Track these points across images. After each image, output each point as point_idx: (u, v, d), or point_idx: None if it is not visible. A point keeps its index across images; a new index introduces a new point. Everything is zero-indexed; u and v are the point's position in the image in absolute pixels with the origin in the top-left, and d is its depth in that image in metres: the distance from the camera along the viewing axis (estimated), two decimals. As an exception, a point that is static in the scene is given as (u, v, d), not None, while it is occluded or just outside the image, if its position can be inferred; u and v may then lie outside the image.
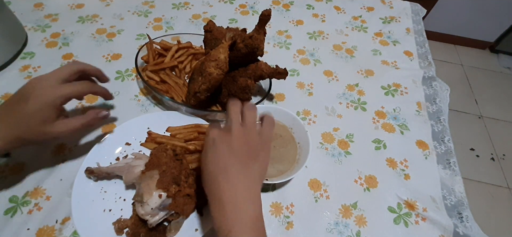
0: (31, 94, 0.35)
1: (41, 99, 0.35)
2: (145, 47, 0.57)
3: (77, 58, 0.61)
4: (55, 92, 0.36)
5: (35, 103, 0.35)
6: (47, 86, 0.36)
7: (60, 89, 0.37)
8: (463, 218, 0.46)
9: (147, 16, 0.73)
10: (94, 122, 0.40)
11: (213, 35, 0.53)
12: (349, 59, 0.69)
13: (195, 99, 0.47)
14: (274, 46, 0.70)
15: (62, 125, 0.37)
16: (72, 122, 0.38)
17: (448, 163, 0.52)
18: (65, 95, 0.37)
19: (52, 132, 0.37)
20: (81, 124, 0.39)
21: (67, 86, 0.38)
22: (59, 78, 0.38)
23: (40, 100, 0.35)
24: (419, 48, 0.75)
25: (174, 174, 0.38)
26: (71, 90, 0.38)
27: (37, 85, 0.36)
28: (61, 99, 0.37)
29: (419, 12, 0.87)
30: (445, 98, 0.63)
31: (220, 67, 0.44)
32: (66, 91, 0.37)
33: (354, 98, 0.61)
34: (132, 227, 0.38)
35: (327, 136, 0.54)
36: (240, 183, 0.32)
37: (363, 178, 0.49)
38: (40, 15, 0.69)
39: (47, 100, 0.35)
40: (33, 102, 0.35)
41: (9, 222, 0.39)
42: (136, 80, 0.58)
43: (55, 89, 0.36)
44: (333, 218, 0.44)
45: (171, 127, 0.49)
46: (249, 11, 0.79)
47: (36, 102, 0.35)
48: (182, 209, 0.37)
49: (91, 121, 0.40)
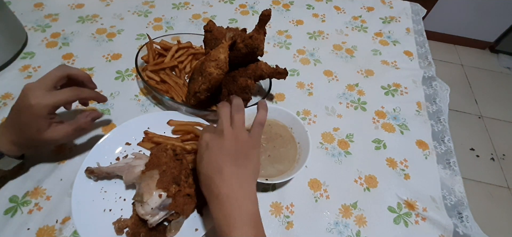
0: (22, 106, 0.37)
1: (30, 110, 0.36)
2: (145, 47, 0.57)
3: (77, 58, 0.61)
4: (41, 102, 0.37)
5: (25, 115, 0.37)
6: (35, 96, 0.37)
7: (46, 99, 0.37)
8: (463, 218, 0.46)
9: (147, 16, 0.73)
10: (85, 125, 0.41)
11: (213, 35, 0.53)
12: (349, 59, 0.69)
13: (195, 99, 0.47)
14: (274, 46, 0.70)
15: (54, 132, 0.39)
16: (64, 128, 0.39)
17: (448, 163, 0.52)
18: (51, 104, 0.37)
19: (46, 140, 0.38)
20: (72, 129, 0.40)
21: (54, 94, 0.38)
22: (45, 85, 0.38)
23: (29, 111, 0.36)
24: (419, 48, 0.75)
25: (174, 174, 0.38)
26: (57, 99, 0.38)
27: (28, 95, 0.37)
28: (48, 109, 0.37)
29: (419, 12, 0.87)
30: (445, 98, 0.63)
31: (220, 67, 0.44)
32: (52, 100, 0.37)
33: (354, 98, 0.61)
34: (132, 227, 0.38)
35: (327, 136, 0.54)
36: (235, 181, 0.34)
37: (363, 178, 0.49)
38: (40, 15, 0.69)
39: (35, 111, 0.36)
40: (24, 115, 0.37)
41: (9, 222, 0.39)
42: (136, 80, 0.59)
43: (41, 99, 0.37)
44: (333, 218, 0.44)
45: (172, 120, 0.49)
46: (249, 11, 0.79)
47: (26, 114, 0.37)
48: (182, 209, 0.37)
49: (82, 124, 0.41)
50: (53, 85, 0.39)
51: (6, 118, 0.39)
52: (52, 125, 0.38)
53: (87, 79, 0.43)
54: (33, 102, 0.36)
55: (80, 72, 0.42)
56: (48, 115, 0.37)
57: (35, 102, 0.36)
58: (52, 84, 0.38)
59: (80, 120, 0.41)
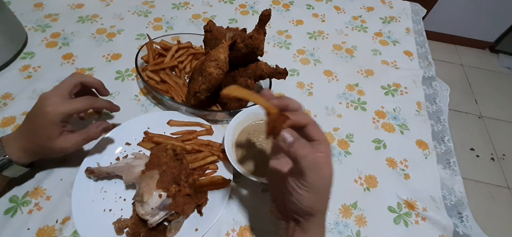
0: (37, 113, 0.38)
1: (45, 117, 0.37)
2: (145, 47, 0.57)
3: (77, 58, 0.61)
4: (56, 110, 0.37)
5: (39, 122, 0.37)
6: (50, 104, 0.37)
7: (61, 107, 0.38)
8: (463, 218, 0.46)
9: (147, 16, 0.73)
10: (95, 135, 0.41)
11: (213, 35, 0.53)
12: (349, 59, 0.69)
13: (195, 99, 0.48)
14: (274, 46, 0.70)
15: (64, 141, 0.39)
16: (74, 137, 0.40)
17: (448, 163, 0.52)
18: (65, 112, 0.38)
19: (56, 148, 0.38)
20: (82, 139, 0.40)
21: (68, 103, 0.39)
22: (61, 93, 0.39)
23: (44, 118, 0.37)
24: (419, 48, 0.75)
25: (174, 174, 0.38)
26: (72, 107, 0.38)
27: (43, 102, 0.38)
28: (62, 116, 0.37)
29: (419, 12, 0.87)
30: (445, 98, 0.63)
31: (220, 67, 0.44)
32: (67, 109, 0.38)
33: (354, 98, 0.61)
34: (132, 227, 0.38)
35: (327, 136, 0.54)
36: None
37: (363, 178, 0.49)
38: (40, 15, 0.69)
39: (49, 118, 0.37)
40: (38, 121, 0.37)
41: (9, 222, 0.39)
42: (136, 80, 0.59)
43: (57, 107, 0.37)
44: (333, 218, 0.44)
45: (172, 120, 0.50)
46: (249, 11, 0.79)
47: (40, 120, 0.37)
48: (182, 209, 0.37)
49: (93, 134, 0.41)
50: (68, 93, 0.39)
51: (20, 125, 0.40)
52: (63, 134, 0.39)
53: (100, 86, 0.44)
54: (48, 109, 0.37)
55: (94, 79, 0.43)
56: (61, 123, 0.38)
57: (51, 109, 0.37)
58: (67, 92, 0.39)
59: (91, 130, 0.41)
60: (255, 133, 0.49)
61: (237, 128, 0.48)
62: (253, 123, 0.50)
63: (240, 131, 0.49)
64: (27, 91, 0.54)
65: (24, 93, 0.53)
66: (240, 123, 0.48)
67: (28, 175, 0.43)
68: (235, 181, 0.46)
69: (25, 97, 0.53)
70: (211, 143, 0.48)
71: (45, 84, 0.55)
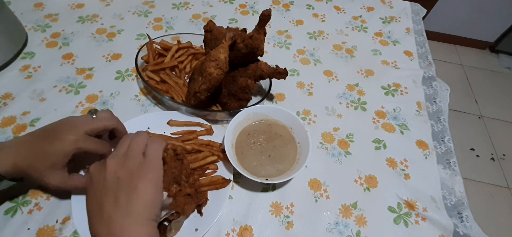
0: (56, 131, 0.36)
1: (60, 141, 0.35)
2: (145, 47, 0.57)
3: (77, 58, 0.61)
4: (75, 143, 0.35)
5: (51, 142, 0.35)
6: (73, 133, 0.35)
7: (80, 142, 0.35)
8: (463, 218, 0.46)
9: (147, 16, 0.73)
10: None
11: (213, 35, 0.53)
12: (349, 59, 0.69)
13: (195, 99, 0.47)
14: (274, 46, 0.70)
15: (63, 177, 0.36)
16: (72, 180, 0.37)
17: (448, 163, 0.52)
18: (82, 148, 0.36)
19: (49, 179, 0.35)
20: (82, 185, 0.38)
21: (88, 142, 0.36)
22: (89, 130, 0.37)
23: (58, 141, 0.35)
24: (419, 48, 0.75)
25: (175, 174, 0.38)
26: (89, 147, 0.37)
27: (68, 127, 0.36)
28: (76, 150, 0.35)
29: (419, 12, 0.87)
30: (445, 98, 0.63)
31: (220, 67, 0.44)
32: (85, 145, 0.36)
33: (354, 98, 0.61)
34: (132, 227, 0.38)
35: (327, 136, 0.54)
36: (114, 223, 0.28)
37: (363, 178, 0.49)
38: (40, 15, 0.69)
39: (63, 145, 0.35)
40: (50, 140, 0.35)
41: (9, 222, 0.39)
42: (136, 80, 0.59)
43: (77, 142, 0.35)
44: (333, 218, 0.44)
45: (172, 120, 0.49)
46: (249, 11, 0.79)
47: (53, 141, 0.35)
48: (182, 209, 0.37)
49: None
50: (96, 133, 0.38)
51: (26, 134, 0.37)
52: (65, 168, 0.36)
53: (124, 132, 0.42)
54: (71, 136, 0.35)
55: (123, 128, 0.42)
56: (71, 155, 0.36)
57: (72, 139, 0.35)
58: (96, 132, 0.38)
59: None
60: (255, 133, 0.49)
61: (237, 128, 0.48)
62: (253, 123, 0.50)
63: (240, 131, 0.49)
64: (27, 91, 0.54)
65: (24, 93, 0.53)
66: (240, 123, 0.49)
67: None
68: (235, 181, 0.46)
69: (25, 97, 0.53)
70: (211, 143, 0.48)
71: (45, 84, 0.55)
